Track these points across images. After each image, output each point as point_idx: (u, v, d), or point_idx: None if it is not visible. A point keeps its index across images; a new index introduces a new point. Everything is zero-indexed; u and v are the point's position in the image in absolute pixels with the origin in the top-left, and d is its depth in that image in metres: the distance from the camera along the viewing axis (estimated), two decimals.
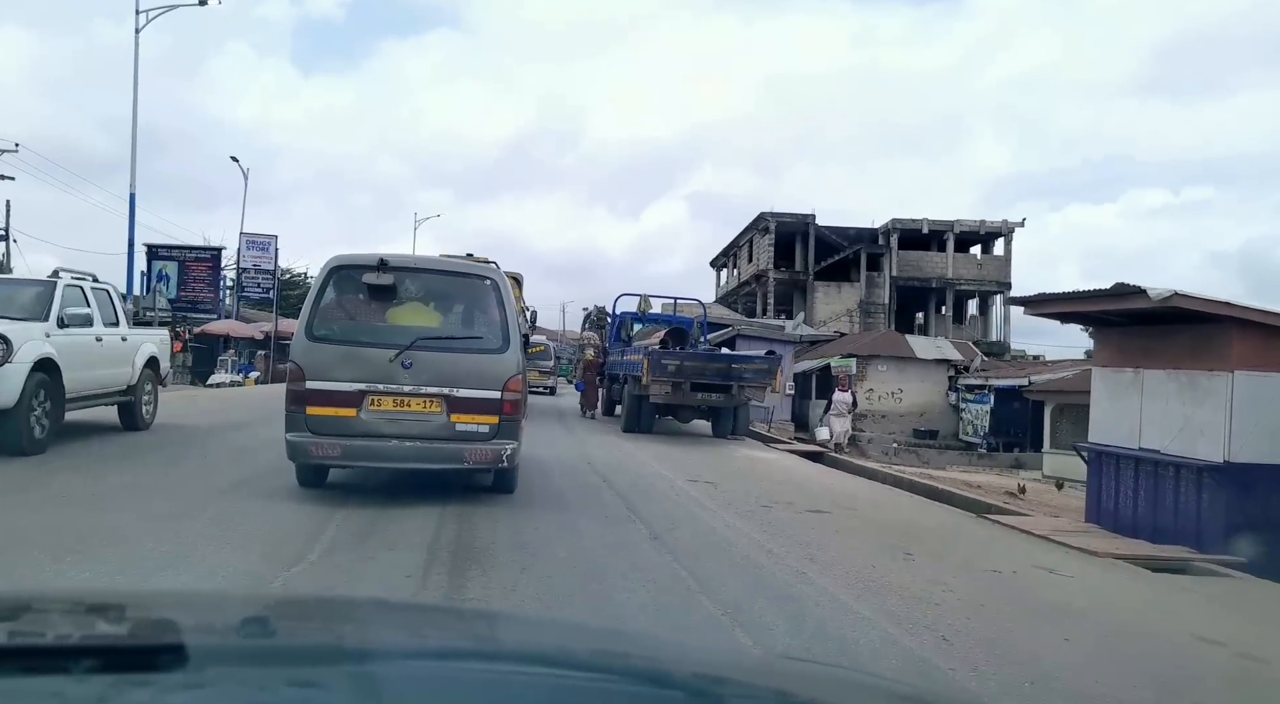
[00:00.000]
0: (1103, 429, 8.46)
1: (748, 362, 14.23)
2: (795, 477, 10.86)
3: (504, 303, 6.58)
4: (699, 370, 14.03)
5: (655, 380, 13.91)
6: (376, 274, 6.31)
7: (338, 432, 6.13)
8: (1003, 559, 6.42)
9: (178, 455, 8.83)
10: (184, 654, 0.90)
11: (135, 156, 24.25)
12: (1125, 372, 8.16)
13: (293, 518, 5.88)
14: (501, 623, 1.88)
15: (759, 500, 8.25)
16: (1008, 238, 45.84)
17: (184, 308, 33.27)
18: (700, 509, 7.48)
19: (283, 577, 4.48)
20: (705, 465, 11.10)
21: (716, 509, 7.54)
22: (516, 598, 4.39)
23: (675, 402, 14.52)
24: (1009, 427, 26.71)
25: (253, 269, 33.37)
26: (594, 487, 8.35)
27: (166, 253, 33.46)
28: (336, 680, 0.95)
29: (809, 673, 1.55)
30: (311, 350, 6.24)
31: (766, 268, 45.86)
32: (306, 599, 2.56)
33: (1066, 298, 8.13)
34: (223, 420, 12.82)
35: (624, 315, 20.19)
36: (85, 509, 5.96)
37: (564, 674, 1.08)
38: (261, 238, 33.75)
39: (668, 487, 8.82)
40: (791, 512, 7.78)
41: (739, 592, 4.78)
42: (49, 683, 0.85)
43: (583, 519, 6.56)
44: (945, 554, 6.47)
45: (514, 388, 6.39)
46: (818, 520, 7.44)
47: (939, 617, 4.57)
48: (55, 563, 4.45)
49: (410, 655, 1.11)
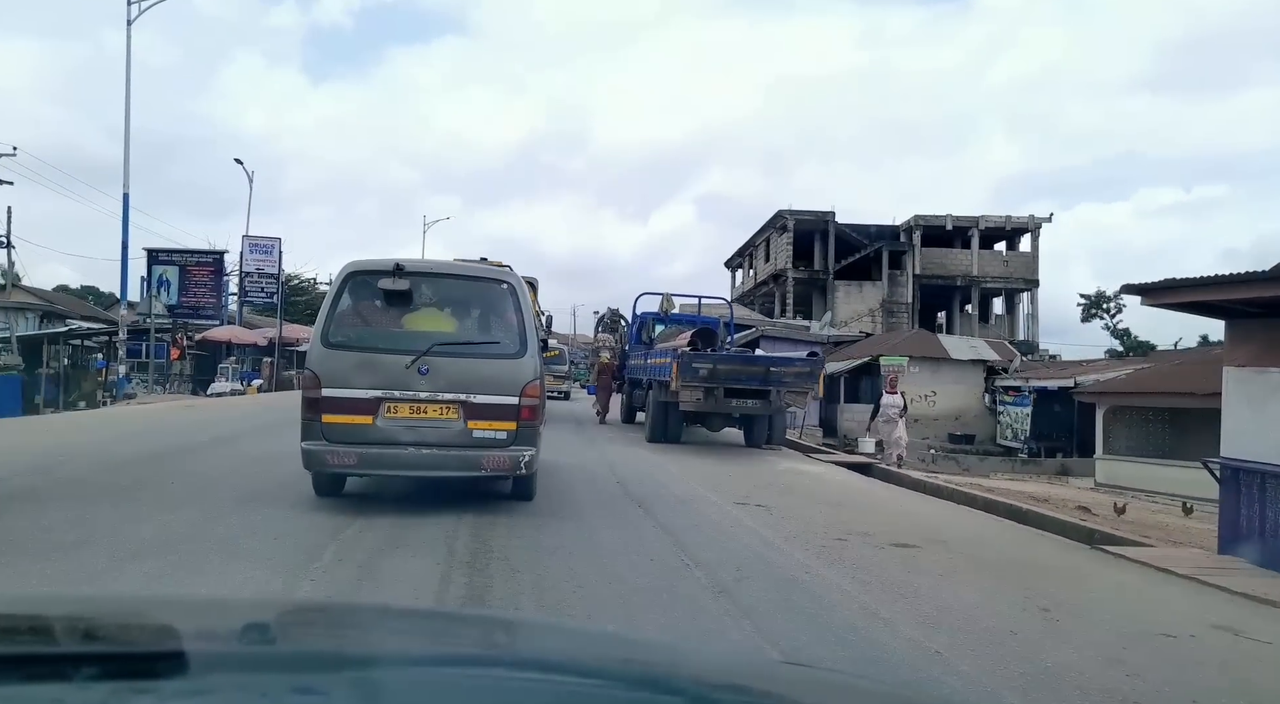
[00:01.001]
0: (1240, 441, 7.05)
1: (788, 364, 12.83)
2: (854, 496, 9.48)
3: (521, 307, 6.41)
4: (734, 374, 12.66)
5: (686, 385, 12.54)
6: (392, 279, 6.16)
7: (354, 439, 6.00)
8: (1164, 614, 5.04)
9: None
10: (185, 661, 0.91)
11: (129, 154, 23.12)
12: (1272, 373, 6.76)
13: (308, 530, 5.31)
14: (502, 629, 1.75)
15: (828, 531, 6.89)
16: (1034, 234, 44.28)
17: (185, 314, 32.20)
18: (765, 547, 6.12)
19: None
20: (750, 483, 9.74)
21: (783, 545, 6.19)
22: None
23: (707, 409, 13.16)
24: (1050, 430, 25.20)
25: (256, 273, 32.18)
26: (631, 518, 7.01)
27: (167, 257, 32.40)
28: (338, 687, 0.96)
29: (811, 678, 1.54)
30: (327, 357, 6.09)
31: (785, 267, 44.42)
32: (307, 605, 2.52)
33: (1200, 284, 6.73)
34: (207, 436, 11.54)
35: (645, 316, 18.86)
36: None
37: (565, 680, 1.08)
38: (265, 241, 32.60)
39: (717, 513, 7.47)
40: (872, 546, 6.41)
41: None
42: (51, 690, 0.87)
43: (624, 564, 5.22)
44: (1088, 609, 5.09)
45: (532, 393, 6.20)
46: (908, 559, 6.08)
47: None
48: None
49: (412, 662, 1.11)
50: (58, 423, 15.51)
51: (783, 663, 2.86)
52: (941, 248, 44.60)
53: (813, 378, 12.80)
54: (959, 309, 46.30)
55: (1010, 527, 8.25)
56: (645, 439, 14.65)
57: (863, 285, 44.34)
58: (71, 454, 9.04)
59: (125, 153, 23.22)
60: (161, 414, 16.70)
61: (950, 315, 46.69)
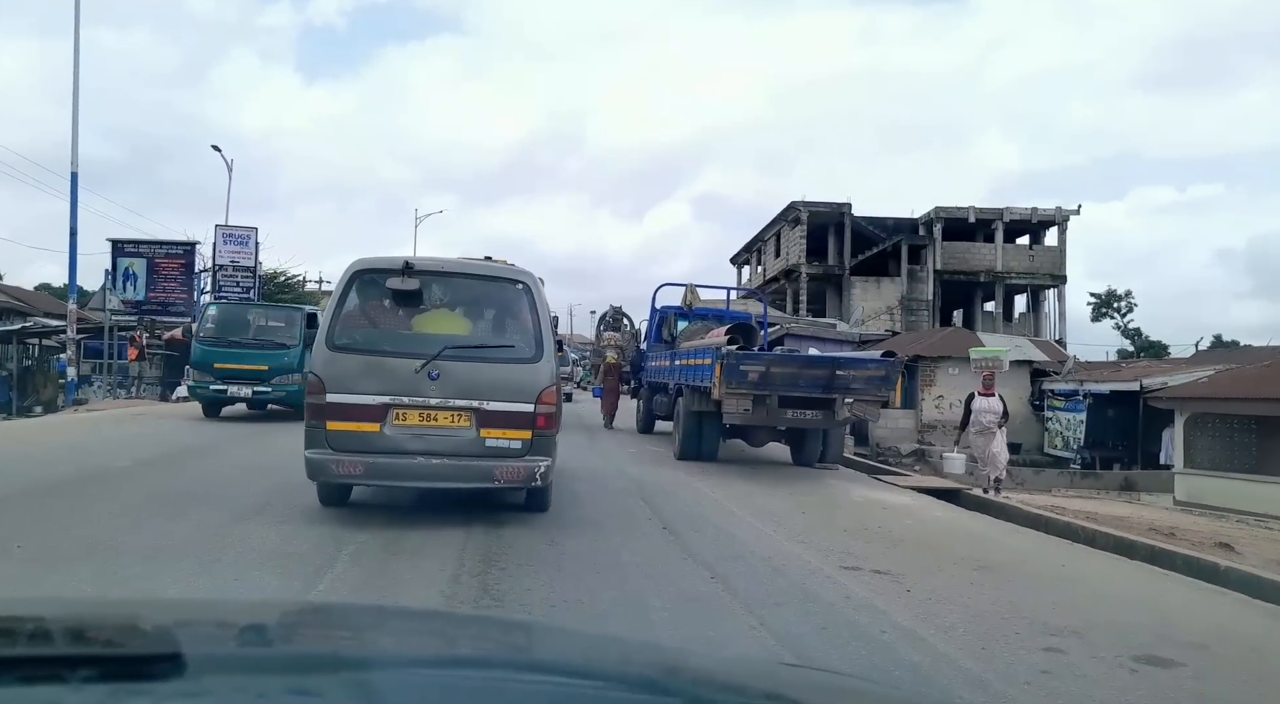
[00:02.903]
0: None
1: (859, 366, 10.35)
2: (990, 549, 6.98)
3: (537, 308, 6.17)
4: (792, 378, 10.17)
5: (732, 392, 10.07)
6: (401, 279, 5.95)
7: (360, 448, 5.76)
8: None
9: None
10: (182, 663, 0.89)
11: (77, 126, 20.64)
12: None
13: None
14: (500, 630, 1.75)
15: (1014, 629, 4.44)
16: (1061, 227, 41.92)
17: (154, 310, 29.55)
18: (945, 667, 3.64)
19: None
20: (834, 526, 7.29)
21: (970, 664, 3.72)
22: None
23: (757, 422, 10.69)
24: (1106, 438, 22.79)
25: (230, 266, 29.52)
26: (707, 598, 4.55)
27: (134, 248, 29.74)
28: (334, 688, 0.95)
29: (809, 680, 1.50)
30: (332, 361, 5.86)
31: (798, 262, 41.92)
32: (304, 607, 2.47)
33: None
34: (129, 458, 9.00)
35: (666, 310, 16.39)
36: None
37: (561, 682, 1.06)
38: (240, 230, 29.97)
39: (830, 590, 5.00)
40: (1105, 666, 3.95)
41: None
42: (48, 692, 0.85)
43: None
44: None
45: (548, 400, 5.95)
46: (1181, 693, 3.62)
47: None
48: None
49: (408, 663, 1.09)
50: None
51: (783, 664, 2.62)
52: (964, 241, 42.21)
53: (889, 383, 10.33)
54: (980, 307, 43.93)
55: (1242, 601, 5.76)
56: (674, 456, 12.21)
57: (880, 281, 41.90)
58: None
59: (74, 127, 20.72)
60: (100, 425, 14.16)
61: (970, 314, 44.25)
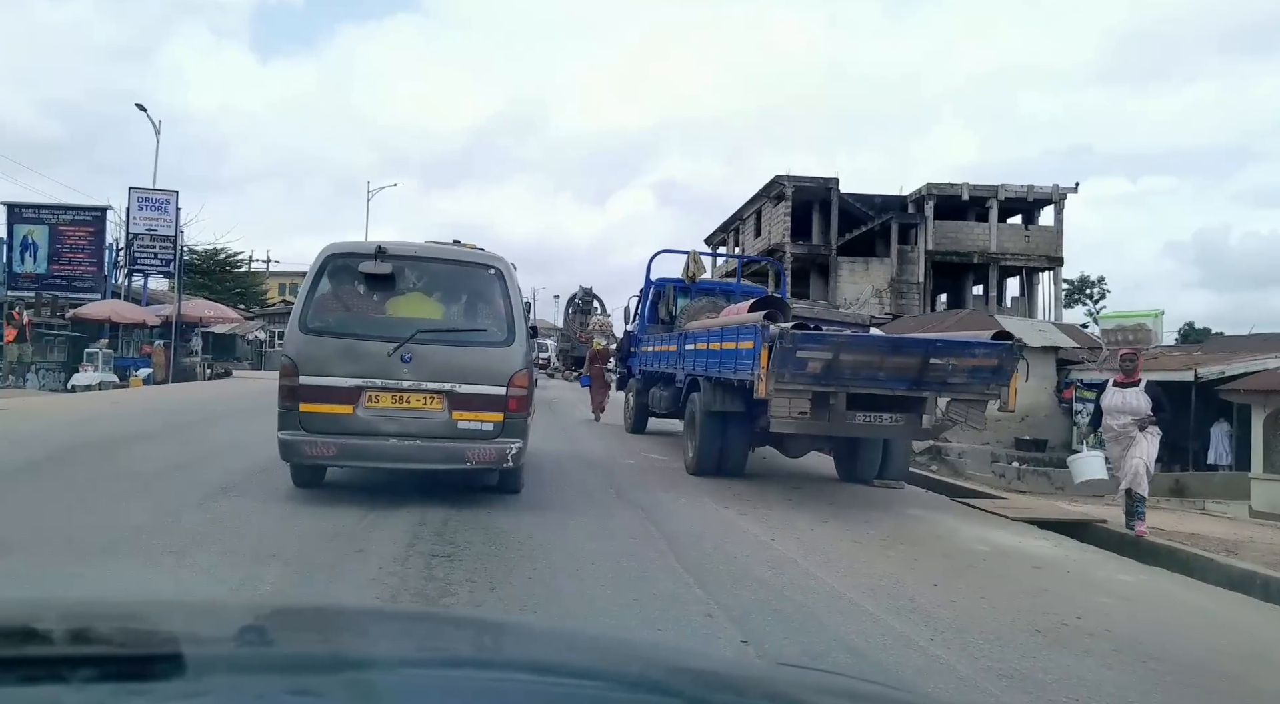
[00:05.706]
0: None
1: (962, 352, 7.36)
2: (1217, 656, 4.09)
3: (509, 293, 6.27)
4: (868, 369, 7.18)
5: (785, 387, 7.06)
6: (374, 263, 6.01)
7: (333, 430, 5.82)
8: None
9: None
10: (182, 663, 0.89)
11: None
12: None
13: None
14: (497, 630, 1.71)
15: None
16: (1058, 205, 39.60)
17: (58, 285, 25.69)
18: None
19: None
20: (1002, 619, 4.36)
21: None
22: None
23: (815, 431, 7.71)
24: None
25: (147, 235, 25.71)
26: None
27: (33, 214, 25.79)
28: (333, 689, 0.94)
29: (809, 680, 1.49)
30: (305, 344, 5.91)
31: (783, 240, 39.02)
32: (303, 607, 2.43)
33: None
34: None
35: (663, 283, 13.33)
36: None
37: (559, 682, 1.06)
38: (159, 195, 26.13)
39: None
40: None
41: None
42: (47, 692, 0.84)
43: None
44: None
45: (520, 383, 6.06)
46: None
47: None
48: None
49: (407, 663, 1.09)
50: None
51: (780, 664, 2.65)
52: (955, 220, 39.69)
53: (1003, 377, 7.38)
54: (969, 290, 41.55)
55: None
56: (687, 469, 9.22)
57: (869, 263, 39.22)
58: None
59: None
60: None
61: (959, 296, 41.86)
